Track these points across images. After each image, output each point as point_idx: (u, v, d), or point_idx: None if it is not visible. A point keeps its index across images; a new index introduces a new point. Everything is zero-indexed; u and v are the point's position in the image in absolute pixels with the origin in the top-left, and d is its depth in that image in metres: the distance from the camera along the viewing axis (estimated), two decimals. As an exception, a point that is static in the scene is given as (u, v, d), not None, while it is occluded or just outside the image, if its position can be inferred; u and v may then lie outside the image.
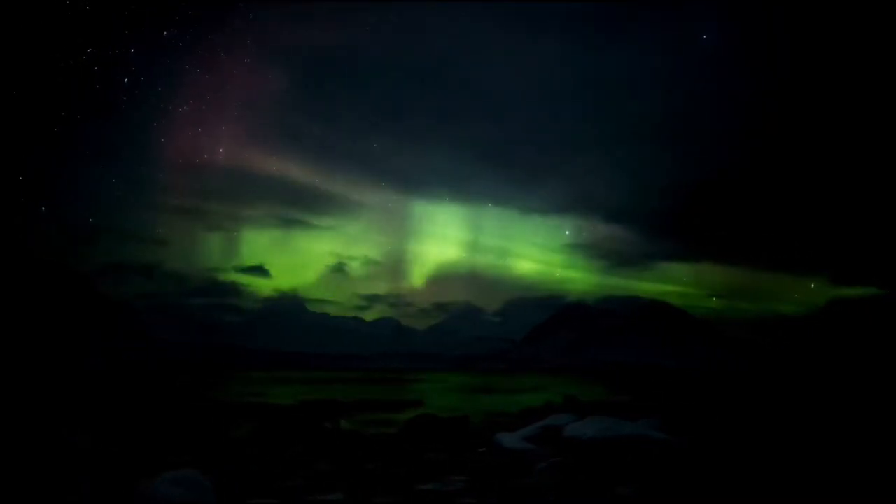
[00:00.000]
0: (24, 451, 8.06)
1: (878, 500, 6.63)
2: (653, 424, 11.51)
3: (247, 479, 8.37)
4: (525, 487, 8.13)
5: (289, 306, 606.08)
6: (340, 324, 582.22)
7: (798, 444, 9.27)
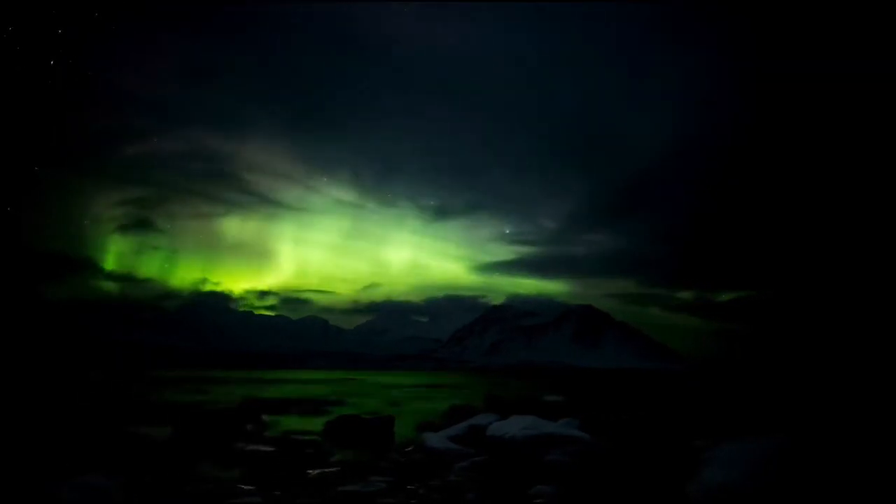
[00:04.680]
0: None
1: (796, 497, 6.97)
2: (574, 424, 11.85)
3: (157, 484, 8.00)
4: (445, 487, 8.17)
5: (211, 303, 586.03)
6: (266, 322, 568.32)
7: (712, 442, 9.70)
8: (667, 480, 7.61)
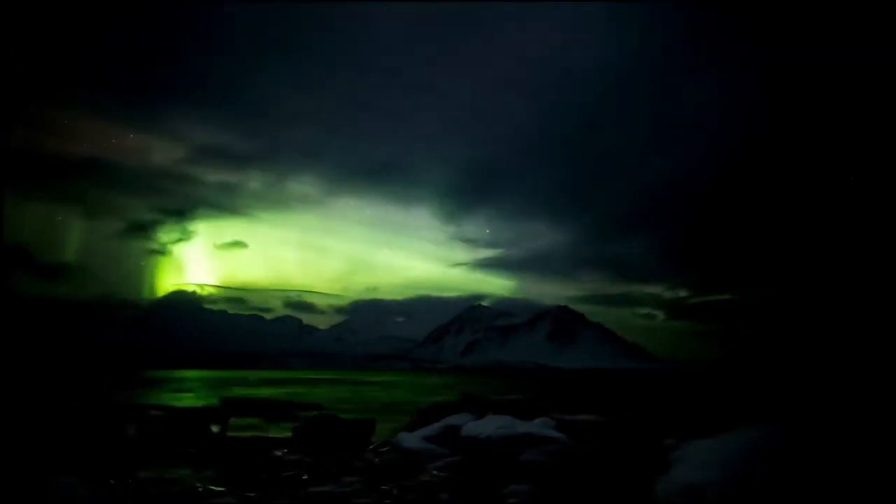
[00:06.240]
0: None
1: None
2: (548, 423, 11.91)
3: (129, 486, 7.89)
4: (420, 487, 8.19)
5: (184, 303, 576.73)
6: (240, 322, 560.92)
7: (682, 441, 9.85)
8: (639, 479, 7.71)
